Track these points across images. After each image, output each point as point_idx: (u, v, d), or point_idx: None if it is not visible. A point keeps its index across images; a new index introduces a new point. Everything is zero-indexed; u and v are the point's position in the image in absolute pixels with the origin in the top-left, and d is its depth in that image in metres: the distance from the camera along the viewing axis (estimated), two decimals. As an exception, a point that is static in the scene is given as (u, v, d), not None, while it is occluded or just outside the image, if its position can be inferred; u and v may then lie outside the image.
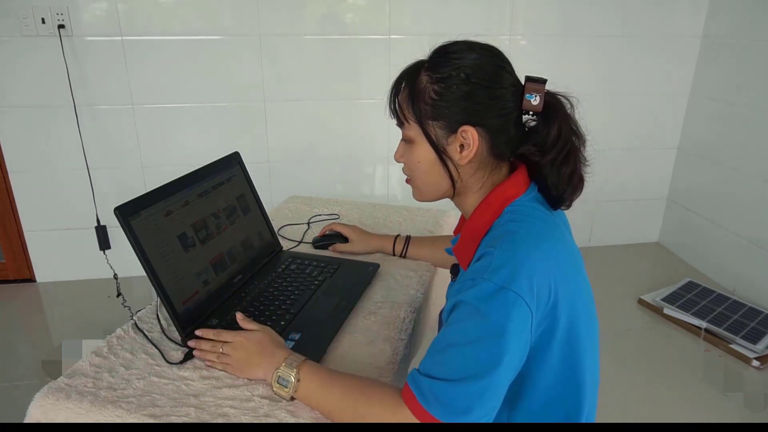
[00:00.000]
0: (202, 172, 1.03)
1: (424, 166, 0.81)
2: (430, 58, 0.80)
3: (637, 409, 1.80)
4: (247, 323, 0.87)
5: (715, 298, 2.37)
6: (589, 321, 0.78)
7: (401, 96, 0.81)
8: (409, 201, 1.02)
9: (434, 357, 0.70)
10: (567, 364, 0.74)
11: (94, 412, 0.76)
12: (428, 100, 0.77)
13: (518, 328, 0.67)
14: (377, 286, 1.11)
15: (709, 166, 2.67)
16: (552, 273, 0.71)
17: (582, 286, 0.78)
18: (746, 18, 2.42)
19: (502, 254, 0.70)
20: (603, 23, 2.58)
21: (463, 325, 0.69)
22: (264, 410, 0.77)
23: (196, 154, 1.95)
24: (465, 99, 0.75)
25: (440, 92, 0.76)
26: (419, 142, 0.80)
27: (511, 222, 0.75)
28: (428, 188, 0.84)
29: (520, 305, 0.67)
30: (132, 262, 0.87)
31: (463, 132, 0.76)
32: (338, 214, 1.48)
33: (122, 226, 0.83)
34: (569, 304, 0.72)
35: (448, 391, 0.67)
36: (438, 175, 0.81)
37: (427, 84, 0.77)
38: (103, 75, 2.31)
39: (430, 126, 0.78)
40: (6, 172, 2.39)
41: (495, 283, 0.67)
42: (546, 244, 0.73)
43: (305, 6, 2.37)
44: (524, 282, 0.67)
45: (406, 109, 0.80)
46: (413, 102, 0.78)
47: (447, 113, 0.76)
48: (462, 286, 0.72)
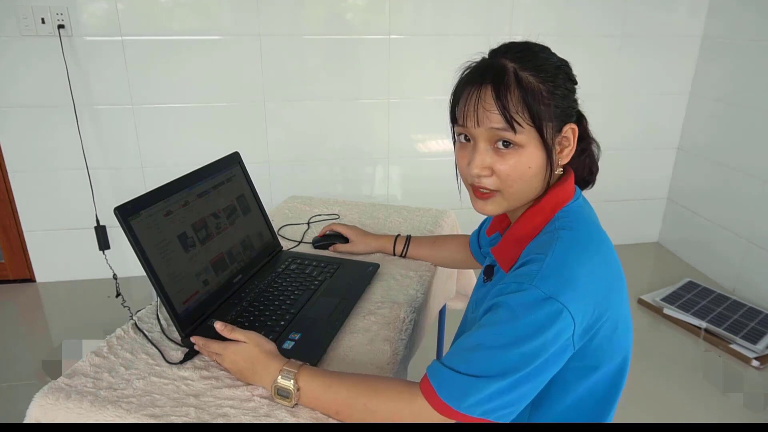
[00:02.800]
0: (202, 172, 1.03)
1: (533, 172, 0.74)
2: (518, 57, 0.73)
3: (637, 409, 1.80)
4: (230, 332, 0.83)
5: (715, 298, 2.37)
6: (627, 329, 0.77)
7: (510, 99, 0.71)
8: (409, 201, 1.02)
9: (462, 354, 0.69)
10: (601, 372, 0.74)
11: (94, 412, 0.76)
12: (543, 100, 0.72)
13: (557, 339, 0.66)
14: (377, 286, 1.11)
15: (709, 166, 2.67)
16: (600, 285, 0.70)
17: (625, 296, 0.77)
18: (746, 18, 2.42)
19: (552, 262, 0.69)
20: (603, 23, 2.58)
21: (500, 328, 0.68)
22: (264, 410, 0.77)
23: (196, 154, 1.96)
24: (568, 97, 0.75)
25: (551, 91, 0.73)
26: (531, 146, 0.73)
27: (562, 229, 0.73)
28: (523, 196, 0.77)
29: (564, 317, 0.66)
30: (132, 262, 0.87)
31: (566, 130, 0.76)
32: (338, 214, 1.48)
33: (122, 226, 0.83)
34: (612, 316, 0.72)
35: (471, 385, 0.66)
36: (540, 179, 0.76)
37: (537, 84, 0.72)
38: (103, 75, 2.31)
39: (546, 128, 0.73)
40: (6, 172, 2.39)
41: (543, 291, 0.66)
42: (598, 256, 0.72)
43: (305, 6, 2.37)
44: (572, 293, 0.66)
45: (520, 111, 0.71)
46: (529, 103, 0.71)
47: (558, 113, 0.74)
48: (505, 287, 0.70)
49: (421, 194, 2.70)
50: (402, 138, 2.61)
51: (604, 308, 0.70)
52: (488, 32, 2.49)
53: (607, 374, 0.75)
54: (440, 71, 2.49)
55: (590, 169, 0.85)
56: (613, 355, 0.75)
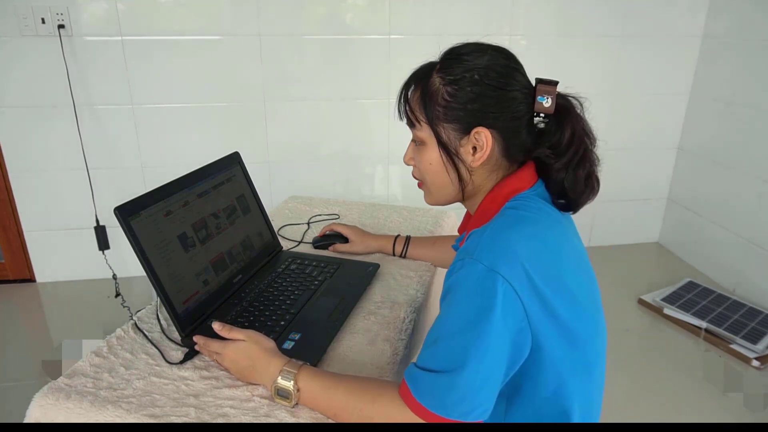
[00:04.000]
0: (202, 172, 1.03)
1: (435, 167, 0.80)
2: (441, 59, 0.79)
3: (637, 409, 1.80)
4: (229, 332, 0.83)
5: (715, 298, 2.37)
6: (588, 319, 0.75)
7: (413, 97, 0.79)
8: (409, 201, 1.02)
9: (428, 349, 0.70)
10: (567, 360, 0.73)
11: (94, 412, 0.76)
12: (441, 101, 0.76)
13: (506, 313, 0.65)
14: (377, 286, 1.11)
15: (709, 166, 2.67)
16: (546, 262, 0.69)
17: (583, 284, 0.76)
18: (746, 18, 2.42)
19: (491, 234, 0.70)
20: (603, 23, 2.58)
21: (451, 314, 0.68)
22: (264, 410, 0.77)
23: (196, 154, 1.95)
24: (478, 100, 0.75)
25: (453, 94, 0.75)
26: (431, 144, 0.79)
27: (510, 209, 0.75)
28: (439, 191, 0.84)
29: (507, 289, 0.65)
30: (132, 262, 0.87)
31: (476, 134, 0.76)
32: (338, 214, 1.48)
33: (122, 226, 0.83)
34: (567, 302, 0.70)
35: (441, 383, 0.66)
36: (449, 177, 0.80)
37: (439, 86, 0.76)
38: (103, 75, 2.31)
39: (443, 128, 0.77)
40: (6, 172, 2.39)
41: (483, 263, 0.66)
42: (544, 233, 0.72)
43: (305, 6, 2.37)
44: (512, 266, 0.66)
45: (417, 110, 0.79)
46: (425, 103, 0.77)
47: (460, 115, 0.76)
48: (452, 267, 0.71)
49: (421, 194, 2.70)
50: (402, 138, 2.59)
51: (554, 289, 0.69)
52: (488, 32, 2.49)
53: (575, 363, 0.73)
54: (440, 71, 2.48)
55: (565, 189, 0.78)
56: (577, 344, 0.72)
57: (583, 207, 0.81)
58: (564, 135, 0.76)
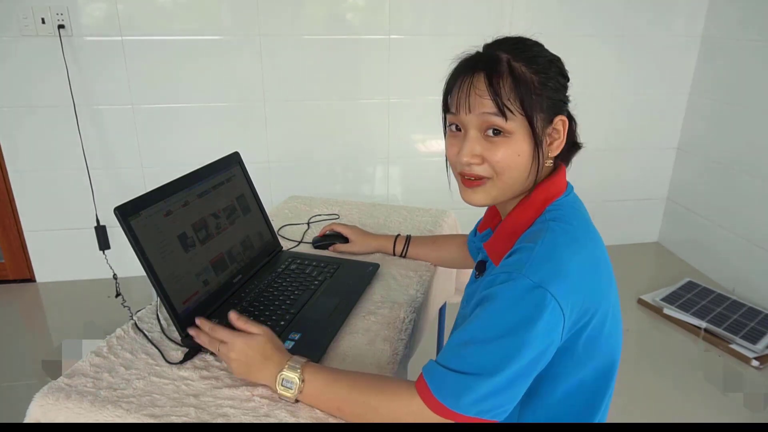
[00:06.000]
0: (202, 172, 1.03)
1: (522, 160, 0.75)
2: (513, 49, 0.75)
3: (637, 409, 1.80)
4: (244, 323, 0.82)
5: (715, 298, 2.37)
6: (616, 329, 0.77)
7: (502, 86, 0.73)
8: (409, 201, 1.02)
9: (455, 350, 0.69)
10: (590, 367, 0.74)
11: (94, 412, 0.76)
12: (534, 90, 0.74)
13: (547, 330, 0.66)
14: (377, 286, 1.11)
15: (709, 165, 2.68)
16: (589, 278, 0.70)
17: (614, 293, 0.78)
18: (746, 18, 2.42)
19: (542, 251, 0.69)
20: (603, 23, 2.58)
21: (490, 321, 0.68)
22: (264, 410, 0.77)
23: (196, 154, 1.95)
24: (560, 90, 0.77)
25: (543, 82, 0.74)
26: (520, 135, 0.74)
27: (552, 221, 0.74)
28: (512, 186, 0.77)
29: (553, 308, 0.66)
30: (132, 262, 0.87)
31: (558, 122, 0.77)
32: (338, 214, 1.48)
33: (122, 226, 0.83)
34: (601, 311, 0.72)
35: (466, 384, 0.66)
36: (529, 169, 0.76)
37: (529, 73, 0.74)
38: (103, 75, 2.31)
39: (537, 117, 0.75)
40: (6, 172, 2.39)
41: (532, 280, 0.66)
42: (587, 249, 0.72)
43: (305, 6, 2.37)
44: (562, 284, 0.66)
45: (512, 98, 0.73)
46: (520, 91, 0.73)
47: (549, 104, 0.75)
48: (495, 278, 0.70)
49: (421, 194, 2.70)
50: (402, 138, 2.61)
51: (592, 302, 0.70)
52: (488, 32, 2.48)
53: (596, 370, 0.75)
54: (440, 71, 2.48)
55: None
56: (602, 351, 0.75)
57: None
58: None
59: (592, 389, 0.77)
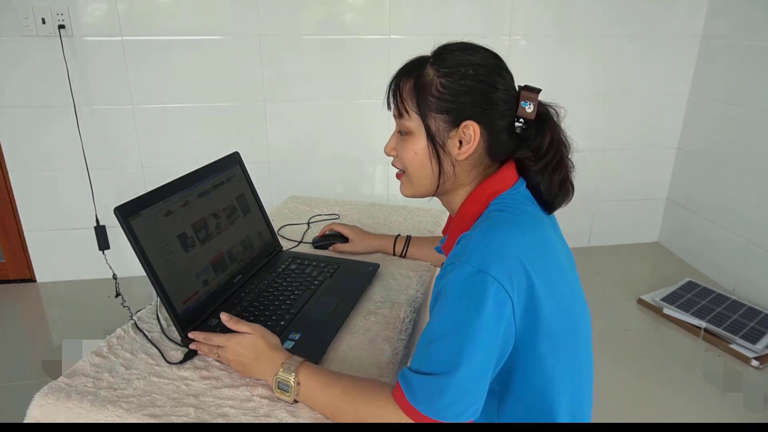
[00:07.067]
0: (202, 172, 1.03)
1: (419, 158, 0.81)
2: (435, 53, 0.81)
3: (637, 409, 1.80)
4: (235, 324, 0.84)
5: (715, 298, 2.37)
6: (572, 318, 0.76)
7: (405, 87, 0.81)
8: (409, 201, 1.02)
9: (421, 352, 0.70)
10: (552, 358, 0.74)
11: (94, 412, 0.76)
12: (434, 92, 0.77)
13: (495, 313, 0.67)
14: (377, 286, 1.11)
15: (709, 166, 2.68)
16: (531, 262, 0.70)
17: (567, 284, 0.77)
18: (746, 18, 2.42)
19: (480, 237, 0.71)
20: (603, 23, 2.58)
21: (443, 316, 0.69)
22: (264, 410, 0.77)
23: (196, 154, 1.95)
24: (469, 94, 0.77)
25: (447, 86, 0.77)
26: (418, 135, 0.80)
27: (495, 211, 0.77)
28: (419, 182, 0.84)
29: (497, 289, 0.66)
30: (132, 262, 0.87)
31: (465, 127, 0.77)
32: (338, 214, 1.48)
33: (122, 226, 0.83)
34: (552, 298, 0.72)
35: (434, 386, 0.67)
36: (431, 168, 0.81)
37: (434, 77, 0.78)
38: (103, 75, 2.31)
39: (433, 118, 0.78)
40: (6, 172, 2.39)
41: (472, 265, 0.67)
42: (529, 234, 0.73)
43: (305, 6, 2.37)
44: (501, 266, 0.67)
45: (409, 100, 0.80)
46: (418, 93, 0.78)
47: (451, 107, 0.77)
48: (442, 271, 0.72)
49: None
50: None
51: (539, 287, 0.70)
52: (488, 32, 2.49)
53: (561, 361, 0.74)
54: (440, 71, 2.48)
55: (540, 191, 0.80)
56: (560, 341, 0.74)
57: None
58: (544, 140, 0.80)
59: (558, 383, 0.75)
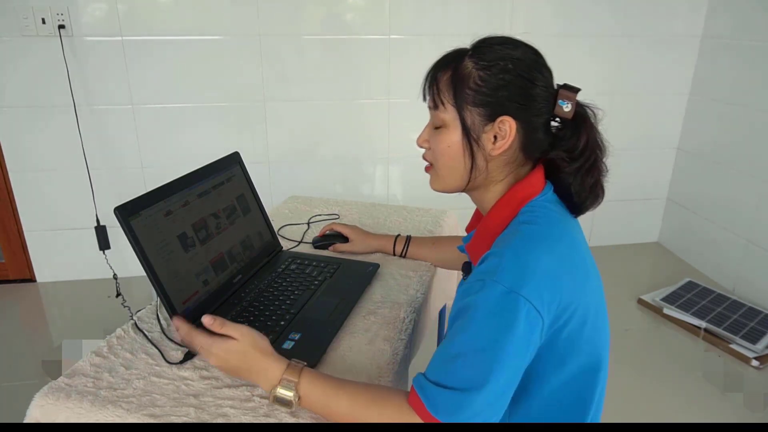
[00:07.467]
0: (202, 172, 1.03)
1: (453, 151, 0.79)
2: (474, 46, 0.78)
3: (637, 409, 1.80)
4: (221, 327, 0.77)
5: (715, 298, 2.37)
6: (599, 326, 0.77)
7: (442, 78, 0.78)
8: (409, 201, 1.02)
9: (443, 366, 0.69)
10: (573, 365, 0.74)
11: (94, 412, 0.76)
12: (472, 85, 0.75)
13: (526, 333, 0.66)
14: (377, 286, 1.11)
15: (709, 166, 2.68)
16: (564, 277, 0.70)
17: (594, 292, 0.77)
18: (746, 18, 2.42)
19: (512, 255, 0.69)
20: (603, 23, 2.58)
21: (472, 332, 0.68)
22: (264, 410, 0.77)
23: (196, 154, 1.95)
24: (508, 89, 0.75)
25: (485, 79, 0.75)
26: (453, 127, 0.78)
27: (524, 223, 0.75)
28: (450, 176, 0.82)
29: (528, 310, 0.66)
30: (132, 262, 0.87)
31: (501, 122, 0.76)
32: (338, 214, 1.48)
33: (122, 226, 0.83)
34: (579, 308, 0.72)
35: (459, 400, 0.66)
36: (464, 163, 0.79)
37: (472, 69, 0.76)
38: (103, 75, 2.31)
39: (469, 111, 0.76)
40: (6, 172, 2.39)
41: (504, 285, 0.66)
42: (559, 248, 0.72)
43: (305, 6, 2.37)
44: (534, 286, 0.67)
45: (445, 91, 0.78)
46: (455, 85, 0.76)
47: (488, 101, 0.75)
48: (470, 287, 0.70)
49: (421, 194, 2.70)
50: (402, 138, 2.61)
51: (569, 301, 0.70)
52: (488, 32, 2.48)
53: (581, 368, 0.75)
54: (440, 71, 2.48)
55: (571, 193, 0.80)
56: (584, 348, 0.74)
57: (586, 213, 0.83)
58: (579, 141, 0.78)
59: (579, 387, 0.76)
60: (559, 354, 0.72)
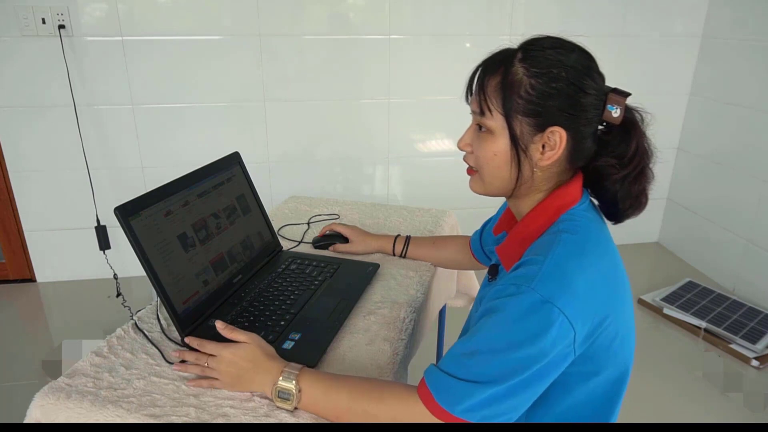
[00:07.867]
0: (202, 172, 1.03)
1: (499, 160, 0.76)
2: (524, 48, 0.74)
3: (637, 409, 1.80)
4: (231, 332, 0.81)
5: (715, 298, 2.37)
6: (628, 338, 0.77)
7: (490, 83, 0.74)
8: (409, 201, 1.02)
9: (459, 359, 0.69)
10: (601, 377, 0.74)
11: (94, 412, 0.76)
12: (523, 93, 0.72)
13: (555, 345, 0.65)
14: (377, 286, 1.11)
15: (709, 166, 2.67)
16: (600, 291, 0.69)
17: (628, 303, 0.77)
18: (746, 18, 2.42)
19: (552, 265, 0.68)
20: (603, 23, 2.58)
21: (498, 332, 0.67)
22: (264, 410, 0.77)
23: (196, 154, 1.96)
24: (559, 98, 0.71)
25: (537, 87, 0.71)
26: (499, 135, 0.74)
27: (564, 232, 0.72)
28: (496, 182, 0.78)
29: (561, 322, 0.65)
30: (132, 262, 0.87)
31: (551, 132, 0.72)
32: (338, 214, 1.48)
33: (122, 226, 0.83)
34: (613, 323, 0.71)
35: (467, 390, 0.66)
36: (509, 171, 0.76)
37: (523, 76, 0.72)
38: (103, 75, 2.31)
39: (518, 120, 0.73)
40: (6, 172, 2.39)
41: (541, 294, 0.65)
42: (599, 262, 0.71)
43: (305, 6, 2.37)
44: (571, 299, 0.65)
45: (493, 98, 0.73)
46: (504, 93, 0.72)
47: (538, 110, 0.72)
48: (503, 290, 0.69)
49: (421, 194, 2.70)
50: (402, 138, 2.61)
51: (604, 315, 0.69)
52: (488, 32, 2.49)
53: (607, 380, 0.75)
54: (440, 71, 2.49)
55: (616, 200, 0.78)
56: (612, 362, 0.74)
57: None
58: (629, 148, 0.75)
59: (603, 398, 0.76)
60: (586, 366, 0.72)
